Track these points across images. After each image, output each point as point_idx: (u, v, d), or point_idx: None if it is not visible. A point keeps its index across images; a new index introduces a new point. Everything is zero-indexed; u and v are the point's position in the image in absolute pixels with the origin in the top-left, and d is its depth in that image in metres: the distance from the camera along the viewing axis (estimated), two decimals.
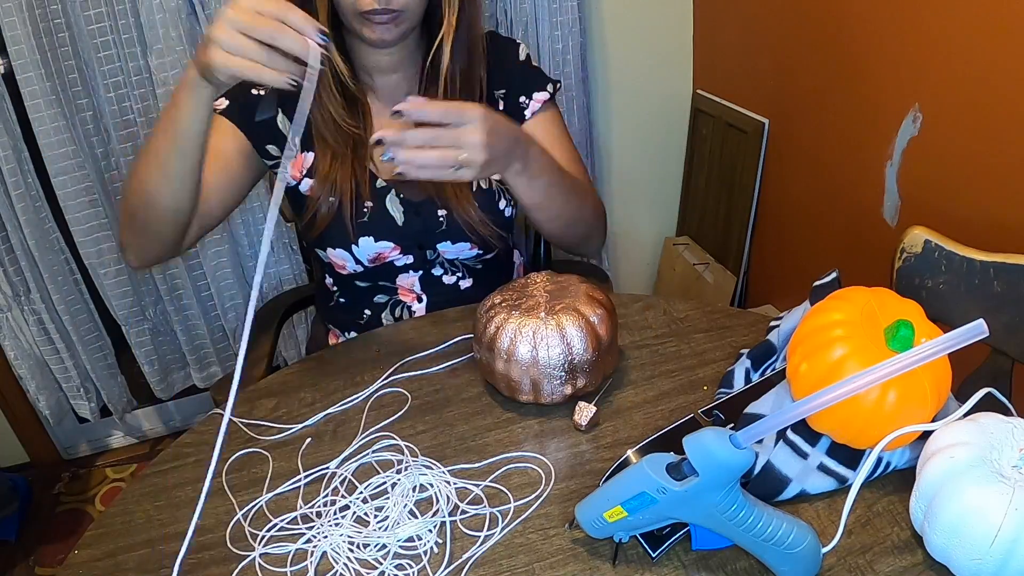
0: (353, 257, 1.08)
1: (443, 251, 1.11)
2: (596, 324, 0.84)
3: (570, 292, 0.88)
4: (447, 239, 1.10)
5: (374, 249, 1.08)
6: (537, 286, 0.90)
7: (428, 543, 0.72)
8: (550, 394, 0.85)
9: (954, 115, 1.25)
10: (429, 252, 1.11)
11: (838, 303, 0.74)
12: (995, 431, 0.64)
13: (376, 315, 1.17)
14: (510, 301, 0.88)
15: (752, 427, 0.59)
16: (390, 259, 1.10)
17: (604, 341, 0.84)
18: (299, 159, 1.08)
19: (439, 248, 1.11)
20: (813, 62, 1.58)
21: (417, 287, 1.15)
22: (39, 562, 1.77)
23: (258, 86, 1.01)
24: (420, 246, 1.11)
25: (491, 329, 0.85)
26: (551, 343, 0.82)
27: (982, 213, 1.23)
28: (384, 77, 1.08)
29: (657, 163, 2.14)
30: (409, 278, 1.14)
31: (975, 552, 0.60)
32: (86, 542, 0.77)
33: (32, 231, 1.63)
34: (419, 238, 1.10)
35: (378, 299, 1.17)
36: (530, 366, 0.82)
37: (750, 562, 0.67)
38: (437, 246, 1.11)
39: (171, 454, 0.88)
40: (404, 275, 1.14)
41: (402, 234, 1.08)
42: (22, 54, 1.47)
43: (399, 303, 1.16)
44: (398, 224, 1.08)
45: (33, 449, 2.02)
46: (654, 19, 1.93)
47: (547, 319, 0.83)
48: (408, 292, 1.15)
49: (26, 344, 1.79)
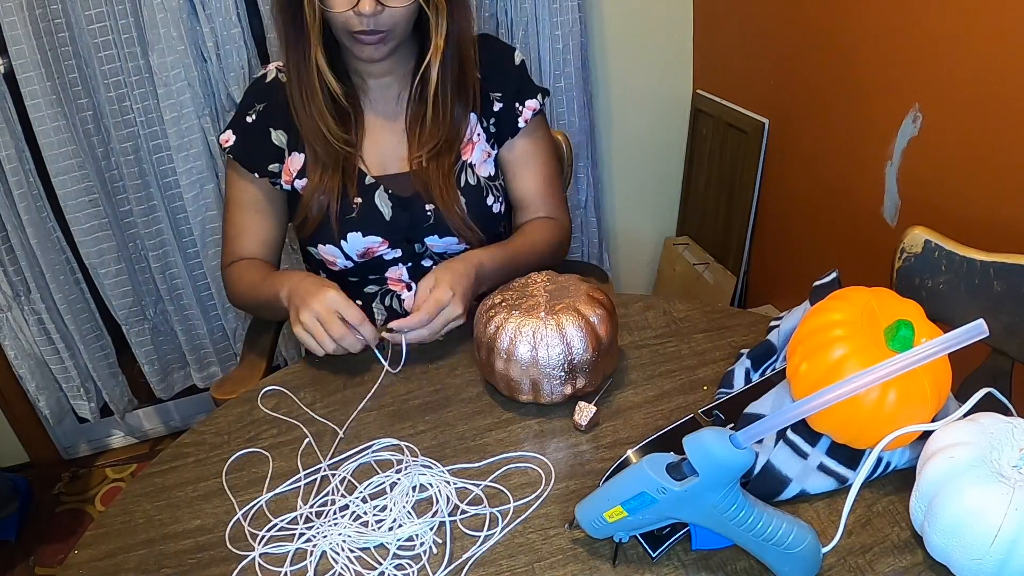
0: (343, 253, 1.10)
1: (431, 245, 1.13)
2: (596, 324, 0.84)
3: (570, 292, 0.88)
4: (435, 233, 1.11)
5: (363, 244, 1.10)
6: (537, 286, 0.90)
7: (427, 543, 0.72)
8: (550, 394, 0.85)
9: (954, 115, 1.25)
10: (417, 246, 1.13)
11: (838, 303, 0.74)
12: (995, 431, 0.64)
13: (367, 305, 1.18)
14: (510, 301, 0.88)
15: (752, 427, 0.59)
16: (379, 253, 1.12)
17: (604, 341, 0.84)
18: (287, 163, 1.11)
19: (427, 242, 1.12)
20: (813, 62, 1.58)
21: (405, 277, 1.16)
22: (39, 562, 1.77)
23: (251, 113, 1.11)
24: (408, 240, 1.12)
25: (491, 329, 0.85)
26: (551, 343, 0.82)
27: (982, 213, 1.23)
28: (376, 80, 1.10)
29: (657, 163, 2.14)
30: (398, 270, 1.15)
31: (975, 552, 0.60)
32: (86, 542, 0.77)
33: (33, 231, 1.63)
34: (407, 233, 1.11)
35: (369, 289, 1.18)
36: (530, 366, 0.82)
37: (750, 562, 0.67)
38: (425, 240, 1.12)
39: (171, 454, 0.88)
40: (393, 267, 1.15)
41: (390, 229, 1.10)
42: (22, 54, 1.47)
43: (389, 292, 1.17)
44: (386, 219, 1.10)
45: (33, 449, 2.02)
46: (654, 19, 1.93)
47: (547, 319, 0.83)
48: (397, 282, 1.17)
49: (26, 344, 1.79)
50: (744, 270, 1.99)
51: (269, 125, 1.10)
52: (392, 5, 0.96)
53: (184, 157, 1.65)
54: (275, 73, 1.12)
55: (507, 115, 1.14)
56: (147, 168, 1.69)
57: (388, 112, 1.12)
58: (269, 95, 1.10)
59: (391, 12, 0.96)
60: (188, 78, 1.58)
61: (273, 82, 1.11)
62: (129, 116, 1.63)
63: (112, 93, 1.59)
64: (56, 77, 1.53)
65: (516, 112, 1.14)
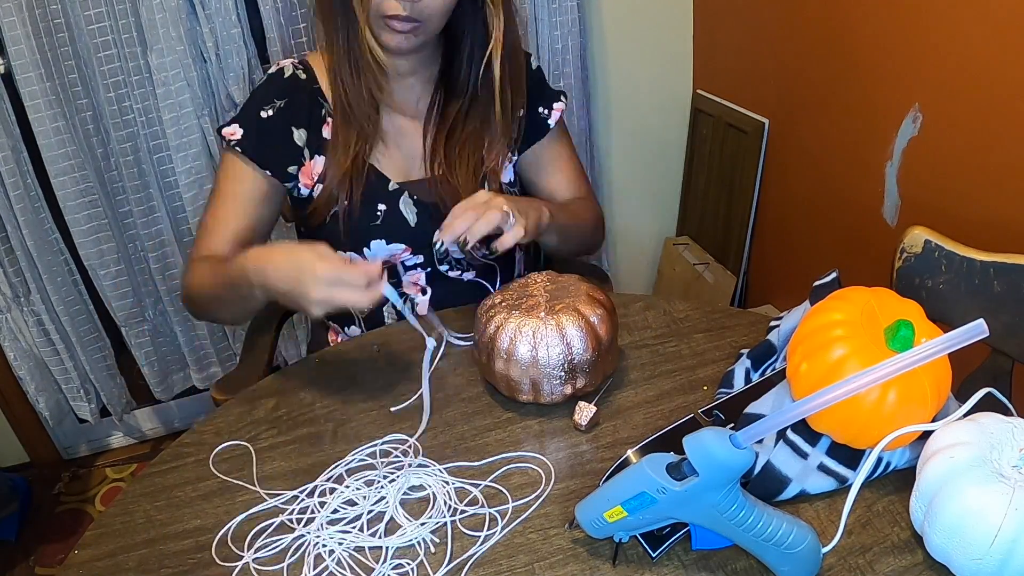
0: (364, 259, 1.08)
1: (453, 251, 1.11)
2: (596, 324, 0.84)
3: (570, 292, 0.88)
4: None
5: (386, 251, 1.08)
6: (537, 286, 0.90)
7: (427, 543, 0.72)
8: (550, 394, 0.85)
9: (954, 115, 1.25)
10: None
11: (838, 303, 0.74)
12: (995, 431, 0.64)
13: (379, 308, 1.17)
14: (510, 301, 0.88)
15: (752, 427, 0.59)
16: (401, 260, 1.11)
17: (604, 341, 0.84)
18: (308, 166, 1.07)
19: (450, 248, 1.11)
20: (813, 62, 1.58)
21: (423, 281, 1.15)
22: (39, 562, 1.77)
23: (266, 108, 1.05)
24: (431, 245, 1.11)
25: (491, 329, 0.85)
26: (551, 343, 0.82)
27: (982, 213, 1.23)
28: (398, 81, 1.07)
29: (657, 163, 2.14)
30: (416, 274, 1.15)
31: (975, 552, 0.60)
32: (86, 542, 0.77)
33: (31, 232, 1.62)
34: (430, 239, 1.09)
35: None
36: (530, 366, 0.82)
37: (750, 562, 0.67)
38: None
39: (171, 454, 0.88)
40: (412, 271, 1.14)
41: (414, 235, 1.09)
42: (22, 54, 1.47)
43: (404, 295, 1.16)
44: (411, 226, 1.08)
45: (33, 449, 2.01)
46: (654, 19, 1.93)
47: (547, 319, 0.83)
48: (413, 285, 1.16)
49: (26, 345, 1.79)
50: (744, 270, 1.99)
51: (291, 123, 1.05)
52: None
53: (183, 157, 1.65)
54: (292, 69, 1.07)
55: (532, 120, 1.14)
56: (146, 168, 1.69)
57: (408, 116, 1.10)
58: (289, 92, 1.06)
59: (428, 2, 0.94)
60: (187, 78, 1.58)
61: (291, 78, 1.06)
62: (128, 116, 1.63)
63: (111, 93, 1.59)
64: (55, 77, 1.53)
65: (542, 116, 1.15)
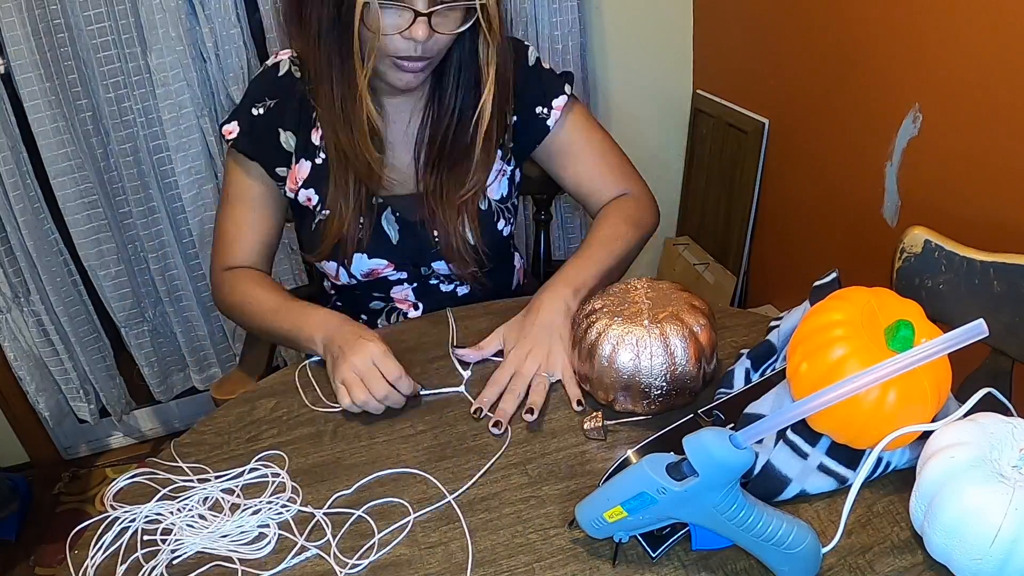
0: (347, 272, 1.08)
1: (438, 268, 1.10)
2: (699, 334, 0.82)
3: (672, 300, 0.86)
4: (441, 259, 1.08)
5: (368, 266, 1.07)
6: (638, 292, 0.88)
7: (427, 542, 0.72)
8: (647, 405, 0.83)
9: (954, 115, 1.25)
10: (424, 268, 1.11)
11: (838, 303, 0.74)
12: (995, 431, 0.64)
13: (372, 321, 1.17)
14: (611, 307, 0.86)
15: (752, 427, 0.59)
16: (384, 275, 1.10)
17: (706, 351, 0.83)
18: (294, 170, 1.05)
19: (434, 266, 1.10)
20: (813, 62, 1.58)
21: (411, 297, 1.14)
22: (39, 562, 1.77)
23: (258, 106, 1.03)
24: (415, 264, 1.10)
25: (592, 334, 0.84)
26: (654, 351, 0.80)
27: (982, 213, 1.23)
28: (391, 98, 1.04)
29: (657, 163, 2.13)
30: (404, 290, 1.13)
31: (975, 552, 0.60)
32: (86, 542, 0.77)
33: (31, 232, 1.62)
34: (414, 257, 1.09)
35: (374, 305, 1.16)
36: (632, 374, 0.81)
37: (750, 562, 0.67)
38: (432, 264, 1.10)
39: (171, 454, 0.88)
40: (399, 287, 1.13)
41: (397, 252, 1.07)
42: (21, 54, 1.47)
43: (395, 309, 1.16)
44: (393, 243, 1.07)
45: (33, 449, 2.02)
46: (654, 19, 1.93)
47: (651, 327, 0.82)
48: (403, 301, 1.15)
49: (26, 345, 1.79)
50: (744, 270, 1.99)
51: (279, 125, 1.03)
52: (444, 32, 0.90)
53: (183, 157, 1.65)
54: (288, 65, 1.03)
55: (529, 124, 1.08)
56: (146, 169, 1.69)
57: (397, 133, 1.06)
58: (282, 91, 1.03)
59: (438, 39, 0.91)
60: (187, 78, 1.58)
61: (286, 76, 1.03)
62: (128, 117, 1.63)
63: (111, 94, 1.59)
64: (55, 78, 1.53)
65: (540, 116, 1.07)
